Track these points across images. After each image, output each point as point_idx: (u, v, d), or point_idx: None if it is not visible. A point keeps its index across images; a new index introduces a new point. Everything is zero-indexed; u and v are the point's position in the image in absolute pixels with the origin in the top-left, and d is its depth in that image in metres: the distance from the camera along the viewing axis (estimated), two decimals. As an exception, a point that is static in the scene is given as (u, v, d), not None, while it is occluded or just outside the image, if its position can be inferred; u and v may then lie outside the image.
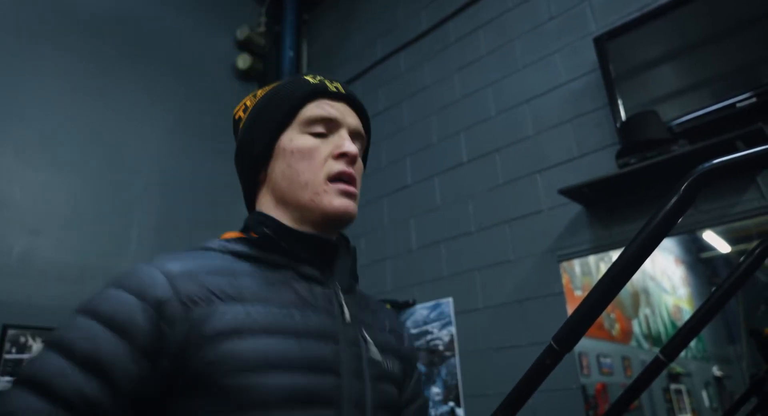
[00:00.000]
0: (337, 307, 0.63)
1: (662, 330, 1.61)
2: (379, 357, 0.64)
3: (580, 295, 1.76)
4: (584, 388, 1.65)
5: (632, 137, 1.59)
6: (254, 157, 0.68)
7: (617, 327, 1.68)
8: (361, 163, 0.71)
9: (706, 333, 1.53)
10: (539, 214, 1.94)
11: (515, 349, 1.85)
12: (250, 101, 0.73)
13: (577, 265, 1.79)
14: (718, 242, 1.56)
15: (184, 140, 2.68)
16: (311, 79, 0.70)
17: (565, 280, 1.79)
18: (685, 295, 1.63)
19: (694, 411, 1.50)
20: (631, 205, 1.71)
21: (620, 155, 1.60)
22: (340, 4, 3.26)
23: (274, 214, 0.66)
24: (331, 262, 0.67)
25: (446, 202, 2.26)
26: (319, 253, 0.66)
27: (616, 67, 1.81)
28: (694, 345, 1.53)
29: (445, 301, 2.12)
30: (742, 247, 1.52)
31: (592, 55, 1.89)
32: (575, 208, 1.84)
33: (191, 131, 2.72)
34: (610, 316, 1.69)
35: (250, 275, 0.60)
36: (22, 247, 2.00)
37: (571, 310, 1.67)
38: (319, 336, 0.59)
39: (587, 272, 1.77)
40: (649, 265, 1.66)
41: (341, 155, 0.65)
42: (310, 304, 0.61)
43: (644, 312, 1.64)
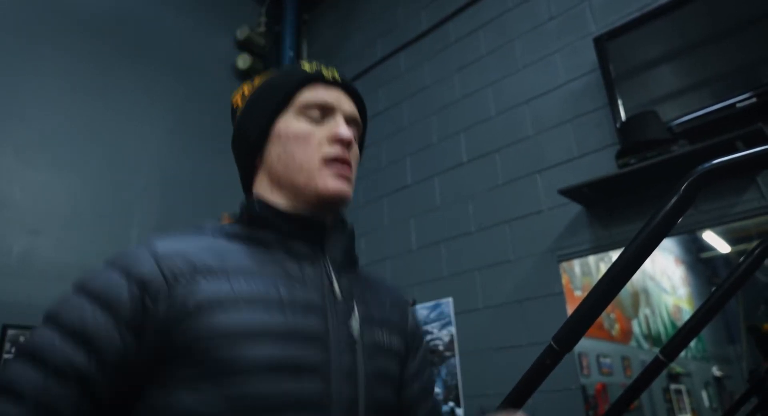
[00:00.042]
0: (327, 284, 0.64)
1: (662, 330, 1.61)
2: (357, 333, 0.64)
3: (580, 295, 1.76)
4: (584, 388, 1.65)
5: (632, 137, 1.59)
6: (251, 142, 0.70)
7: (617, 327, 1.68)
8: (356, 149, 0.72)
9: (706, 333, 1.53)
10: (539, 214, 1.93)
11: (515, 349, 1.85)
12: (247, 88, 0.75)
13: (577, 265, 1.79)
14: (718, 242, 1.56)
15: (184, 140, 2.68)
16: (307, 66, 0.72)
17: (565, 280, 1.79)
18: (685, 295, 1.63)
19: (694, 411, 1.50)
20: (631, 205, 1.71)
21: (620, 155, 1.60)
22: (340, 4, 3.26)
23: (270, 197, 0.68)
24: (322, 241, 0.68)
25: (446, 202, 2.26)
26: (310, 232, 0.67)
27: (616, 67, 1.80)
28: (694, 345, 1.53)
29: (445, 301, 2.12)
30: (742, 247, 1.52)
31: (592, 55, 1.89)
32: (575, 208, 1.84)
33: (191, 131, 2.72)
34: (610, 316, 1.69)
35: (238, 253, 0.62)
36: (22, 247, 2.00)
37: (571, 310, 1.67)
38: (305, 308, 0.60)
39: (587, 273, 1.77)
40: (649, 265, 1.66)
41: (336, 139, 0.67)
42: (298, 279, 0.62)
43: (644, 312, 1.64)
